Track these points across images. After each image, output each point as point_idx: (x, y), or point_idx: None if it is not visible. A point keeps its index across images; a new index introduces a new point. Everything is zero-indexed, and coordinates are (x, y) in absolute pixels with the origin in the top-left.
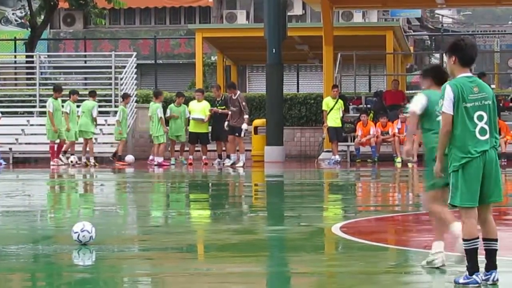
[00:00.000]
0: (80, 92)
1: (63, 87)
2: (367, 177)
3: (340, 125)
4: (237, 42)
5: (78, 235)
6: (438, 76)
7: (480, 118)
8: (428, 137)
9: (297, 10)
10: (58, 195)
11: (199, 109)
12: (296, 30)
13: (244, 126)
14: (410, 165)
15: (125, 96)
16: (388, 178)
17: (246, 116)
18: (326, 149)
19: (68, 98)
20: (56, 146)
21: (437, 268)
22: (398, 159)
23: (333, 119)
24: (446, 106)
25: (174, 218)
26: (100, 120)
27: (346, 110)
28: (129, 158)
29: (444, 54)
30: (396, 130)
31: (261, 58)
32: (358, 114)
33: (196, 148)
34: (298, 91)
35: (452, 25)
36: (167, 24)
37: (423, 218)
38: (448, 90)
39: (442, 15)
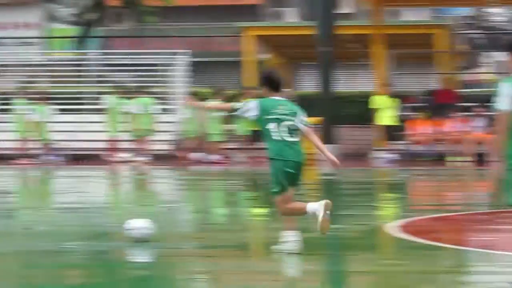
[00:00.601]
0: (131, 90)
1: (115, 85)
2: (421, 176)
3: (393, 123)
4: (287, 40)
5: (135, 232)
6: (271, 83)
7: None
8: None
9: (347, 8)
10: (115, 192)
11: None
12: (347, 28)
13: None
14: (460, 164)
15: (191, 95)
16: (442, 177)
17: None
18: (380, 148)
19: (129, 96)
20: (113, 142)
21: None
22: (452, 158)
23: (386, 118)
24: (503, 103)
25: (231, 215)
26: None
27: (398, 109)
28: (199, 155)
29: (503, 52)
30: (449, 129)
31: (312, 56)
32: (410, 113)
33: (248, 146)
34: (349, 89)
35: (505, 23)
36: (217, 22)
37: (480, 218)
38: (505, 86)
39: (494, 13)
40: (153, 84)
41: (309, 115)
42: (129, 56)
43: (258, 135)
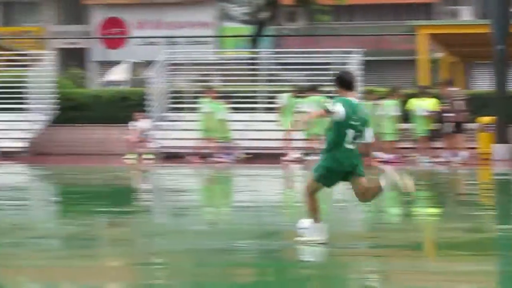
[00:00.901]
0: (304, 89)
1: (287, 83)
2: None
3: None
4: (461, 38)
5: (306, 231)
6: (344, 84)
7: None
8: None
9: None
10: (287, 190)
11: (425, 105)
12: None
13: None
14: None
15: (370, 93)
16: None
17: (445, 114)
18: None
19: (302, 95)
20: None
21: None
22: None
23: None
24: None
25: (404, 215)
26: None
27: None
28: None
29: None
30: None
31: (486, 55)
32: None
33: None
34: None
35: None
36: (389, 21)
37: None
38: None
39: None
40: (326, 83)
41: (483, 115)
42: (302, 55)
43: (434, 135)
